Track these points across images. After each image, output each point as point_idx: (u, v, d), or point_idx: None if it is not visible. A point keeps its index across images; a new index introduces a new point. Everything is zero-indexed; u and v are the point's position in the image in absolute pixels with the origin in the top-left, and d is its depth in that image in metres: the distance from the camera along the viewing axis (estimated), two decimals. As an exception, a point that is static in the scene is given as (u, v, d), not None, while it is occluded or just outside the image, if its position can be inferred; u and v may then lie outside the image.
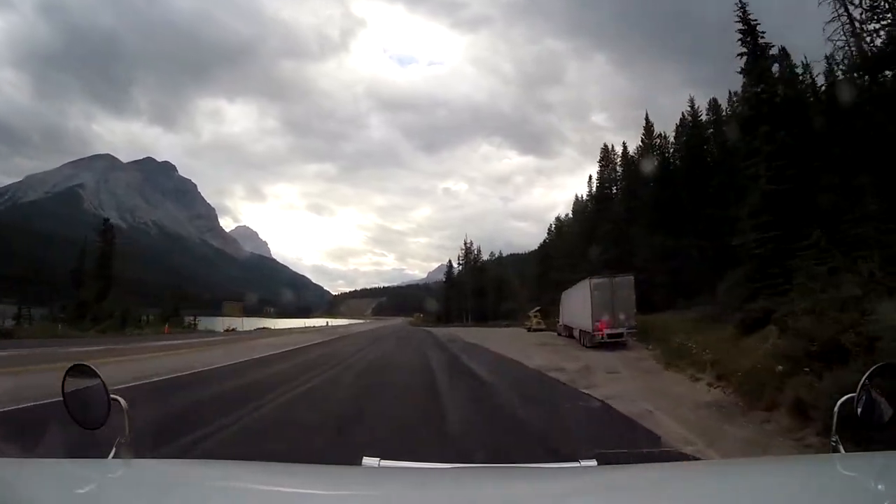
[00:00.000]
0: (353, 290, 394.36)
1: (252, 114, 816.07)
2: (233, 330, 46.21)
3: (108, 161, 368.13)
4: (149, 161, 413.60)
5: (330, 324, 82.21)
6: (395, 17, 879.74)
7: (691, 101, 39.36)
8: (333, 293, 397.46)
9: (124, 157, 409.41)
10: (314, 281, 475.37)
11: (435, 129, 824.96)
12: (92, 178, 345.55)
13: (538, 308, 49.35)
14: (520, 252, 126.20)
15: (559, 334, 31.99)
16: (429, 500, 1.31)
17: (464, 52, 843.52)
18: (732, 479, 1.44)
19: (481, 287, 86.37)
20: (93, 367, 1.56)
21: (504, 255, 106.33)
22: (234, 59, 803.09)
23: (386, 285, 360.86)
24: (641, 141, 44.36)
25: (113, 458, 1.42)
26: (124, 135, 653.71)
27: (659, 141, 42.90)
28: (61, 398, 1.54)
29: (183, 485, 1.35)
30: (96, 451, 1.47)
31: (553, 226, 73.13)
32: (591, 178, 54.45)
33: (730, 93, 33.72)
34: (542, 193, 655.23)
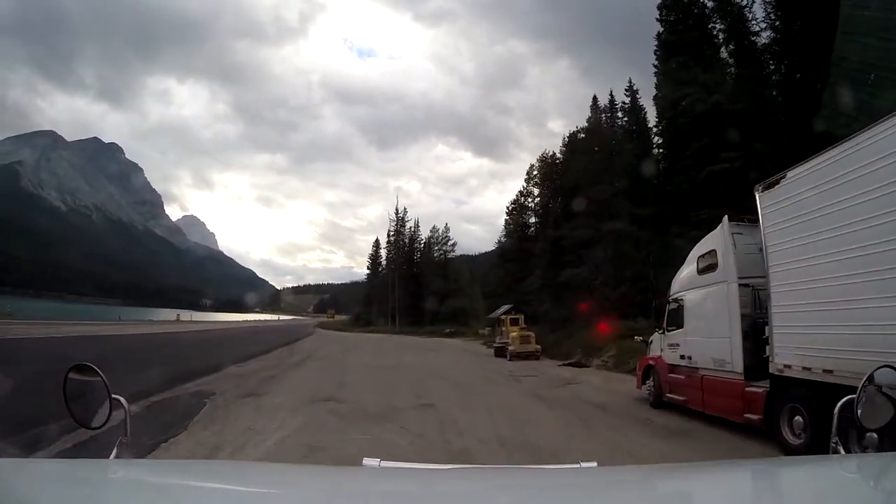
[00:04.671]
0: (297, 285, 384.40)
1: (202, 96, 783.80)
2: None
3: (50, 138, 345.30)
4: (94, 141, 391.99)
5: (179, 317, 65.91)
6: (357, 3, 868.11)
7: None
8: (279, 288, 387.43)
9: (69, 136, 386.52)
10: (260, 275, 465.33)
11: (389, 125, 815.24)
12: (32, 155, 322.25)
13: (512, 307, 27.91)
14: (470, 253, 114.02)
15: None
16: (429, 500, 1.33)
17: (425, 48, 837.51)
18: (732, 480, 1.46)
19: (416, 275, 60.42)
20: (94, 366, 1.52)
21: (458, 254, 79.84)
22: (185, 34, 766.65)
23: (334, 282, 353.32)
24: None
25: (113, 458, 1.41)
26: (69, 111, 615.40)
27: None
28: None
29: (183, 485, 1.35)
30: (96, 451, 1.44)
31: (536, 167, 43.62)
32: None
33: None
34: (494, 197, 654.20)
